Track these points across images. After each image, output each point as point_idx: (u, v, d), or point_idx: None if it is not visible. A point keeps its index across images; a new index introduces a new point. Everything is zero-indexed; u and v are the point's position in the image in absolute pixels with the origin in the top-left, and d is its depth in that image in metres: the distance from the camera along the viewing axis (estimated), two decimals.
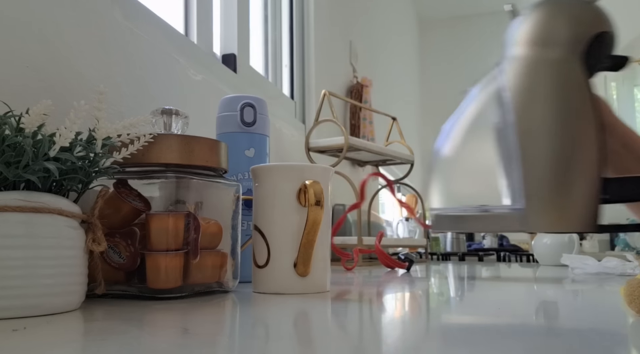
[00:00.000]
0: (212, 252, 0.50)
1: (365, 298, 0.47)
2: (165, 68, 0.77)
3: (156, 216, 0.46)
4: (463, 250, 1.70)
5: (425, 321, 0.35)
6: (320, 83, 1.55)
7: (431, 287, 0.60)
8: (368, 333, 0.30)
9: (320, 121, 1.19)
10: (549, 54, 0.65)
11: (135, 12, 0.74)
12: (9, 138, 0.36)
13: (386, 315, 0.38)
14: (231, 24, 1.09)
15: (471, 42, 4.09)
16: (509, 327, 0.32)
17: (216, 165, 0.51)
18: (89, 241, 0.40)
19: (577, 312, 0.38)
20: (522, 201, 0.62)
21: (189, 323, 0.33)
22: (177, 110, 0.54)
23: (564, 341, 0.27)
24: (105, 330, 0.30)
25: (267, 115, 0.69)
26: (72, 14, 0.60)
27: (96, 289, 0.44)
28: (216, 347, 0.26)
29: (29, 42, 0.54)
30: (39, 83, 0.55)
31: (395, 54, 2.97)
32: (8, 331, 0.30)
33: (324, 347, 0.26)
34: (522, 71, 0.66)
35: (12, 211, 0.35)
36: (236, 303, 0.44)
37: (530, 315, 0.37)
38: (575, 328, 0.32)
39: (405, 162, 1.40)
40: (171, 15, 0.91)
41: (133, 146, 0.45)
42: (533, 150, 0.63)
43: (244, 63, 1.11)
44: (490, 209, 0.66)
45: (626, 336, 0.29)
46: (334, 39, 1.73)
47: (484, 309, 0.41)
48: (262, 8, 1.37)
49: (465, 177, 0.70)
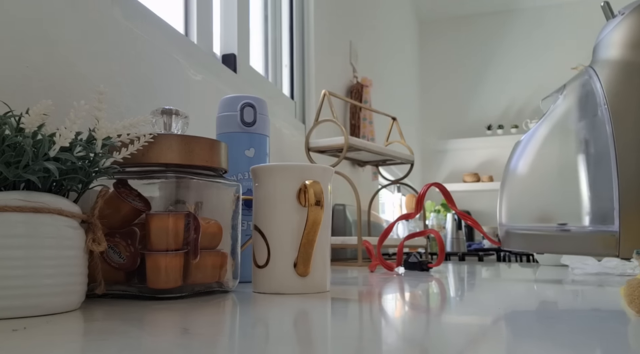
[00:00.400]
0: (212, 252, 0.50)
1: (365, 298, 0.47)
2: (165, 68, 0.77)
3: (156, 216, 0.46)
4: (463, 250, 1.70)
5: (425, 321, 0.35)
6: (320, 83, 1.55)
7: (431, 287, 0.60)
8: (368, 333, 0.30)
9: (320, 121, 1.19)
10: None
11: (135, 12, 0.74)
12: (9, 138, 0.36)
13: (386, 315, 0.38)
14: (231, 24, 1.09)
15: (471, 42, 4.09)
16: (509, 327, 0.32)
17: (216, 165, 0.51)
18: (89, 241, 0.40)
19: (577, 312, 0.38)
20: (615, 223, 0.56)
21: (189, 323, 0.33)
22: (177, 110, 0.54)
23: (563, 341, 0.27)
24: (105, 330, 0.30)
25: (267, 115, 0.69)
26: (72, 14, 0.60)
27: (96, 289, 0.44)
28: (216, 347, 0.26)
29: (29, 42, 0.54)
30: (39, 83, 0.55)
31: (395, 54, 2.97)
32: (8, 331, 0.30)
33: (324, 347, 0.26)
34: (619, 76, 0.59)
35: (12, 211, 0.35)
36: (236, 303, 0.44)
37: (530, 315, 0.37)
38: (575, 327, 0.32)
39: (405, 161, 1.40)
40: (171, 15, 0.91)
41: (133, 146, 0.45)
42: (632, 166, 0.56)
43: (244, 63, 1.11)
44: (571, 229, 0.59)
45: (626, 336, 0.29)
46: (334, 39, 1.73)
47: (484, 310, 0.41)
48: (262, 8, 1.37)
49: (542, 192, 0.63)
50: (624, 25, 0.62)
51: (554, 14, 3.91)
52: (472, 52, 4.06)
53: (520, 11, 4.01)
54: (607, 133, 0.57)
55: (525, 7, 3.98)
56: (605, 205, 0.57)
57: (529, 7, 3.98)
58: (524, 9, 4.00)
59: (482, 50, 4.04)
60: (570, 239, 0.59)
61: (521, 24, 3.99)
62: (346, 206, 1.53)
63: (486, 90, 3.99)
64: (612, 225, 0.56)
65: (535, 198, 0.63)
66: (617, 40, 0.62)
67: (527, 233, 0.63)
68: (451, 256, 1.71)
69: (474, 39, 4.08)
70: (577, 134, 0.61)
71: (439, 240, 0.85)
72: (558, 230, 0.60)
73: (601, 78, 0.60)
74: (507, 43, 4.00)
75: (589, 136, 0.59)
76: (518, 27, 3.99)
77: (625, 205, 0.56)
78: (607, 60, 0.62)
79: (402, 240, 0.87)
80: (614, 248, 0.56)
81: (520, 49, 3.96)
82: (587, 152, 0.59)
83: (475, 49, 4.06)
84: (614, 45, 0.62)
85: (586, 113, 0.60)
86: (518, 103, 3.90)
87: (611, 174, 0.56)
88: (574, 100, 0.62)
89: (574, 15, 3.84)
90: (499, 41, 4.02)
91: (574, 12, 3.85)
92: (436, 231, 0.84)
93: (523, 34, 3.97)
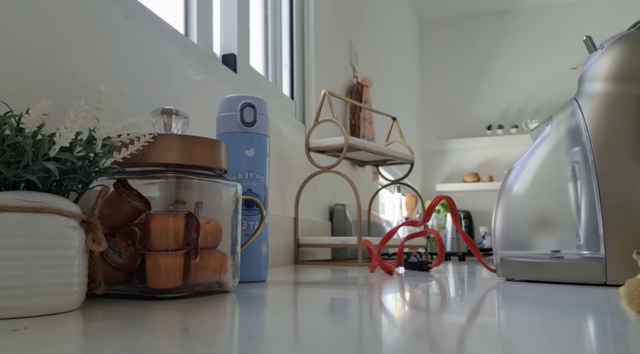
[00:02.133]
0: (212, 252, 0.50)
1: (365, 298, 0.47)
2: (165, 68, 0.77)
3: (156, 216, 0.46)
4: (463, 250, 1.70)
5: (425, 320, 0.35)
6: (320, 83, 1.55)
7: (431, 287, 0.60)
8: (368, 332, 0.30)
9: (320, 121, 1.20)
10: (632, 90, 0.61)
11: (135, 12, 0.74)
12: (9, 138, 0.36)
13: (386, 315, 0.38)
14: (231, 24, 1.09)
15: (471, 42, 4.09)
16: (508, 327, 0.32)
17: (216, 165, 0.51)
18: (89, 241, 0.40)
19: (576, 312, 0.38)
20: (601, 250, 0.57)
21: (189, 323, 0.33)
22: (177, 110, 0.54)
23: (563, 340, 0.27)
24: (105, 330, 0.30)
25: (267, 115, 0.69)
26: (72, 14, 0.60)
27: (96, 289, 0.44)
28: (216, 347, 0.26)
29: (29, 42, 0.54)
30: (39, 83, 0.55)
31: (395, 54, 2.97)
32: (8, 331, 0.30)
33: (324, 347, 0.26)
34: (602, 108, 0.61)
35: (12, 211, 0.35)
36: (236, 303, 0.44)
37: (529, 315, 0.37)
38: (575, 327, 0.32)
39: (405, 161, 1.40)
40: (171, 15, 0.91)
41: (133, 146, 0.45)
42: (614, 194, 0.57)
43: (244, 63, 1.11)
44: (564, 256, 0.60)
45: (626, 336, 0.29)
46: (334, 39, 1.73)
47: (484, 309, 0.41)
48: (262, 8, 1.37)
49: (534, 219, 0.64)
50: (603, 58, 0.64)
51: (554, 14, 3.91)
52: (472, 52, 4.06)
53: (520, 11, 4.01)
54: (589, 162, 0.59)
55: (525, 7, 3.98)
56: (593, 231, 0.58)
57: (529, 7, 3.98)
58: (524, 9, 4.00)
59: (482, 50, 4.04)
60: (563, 266, 0.60)
61: (521, 24, 3.99)
62: (346, 206, 1.53)
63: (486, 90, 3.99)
64: (599, 252, 0.57)
65: (529, 225, 0.64)
66: (597, 73, 0.64)
67: (522, 260, 0.64)
68: (451, 256, 1.71)
69: (474, 39, 4.08)
70: (566, 163, 0.62)
71: (438, 240, 0.85)
72: (552, 257, 0.61)
73: (583, 109, 0.63)
74: (506, 43, 4.00)
75: (576, 165, 0.61)
76: (518, 27, 3.99)
77: (610, 231, 0.57)
78: (589, 92, 0.64)
79: (403, 240, 0.87)
80: (602, 275, 0.57)
81: (520, 49, 3.96)
82: (574, 180, 0.61)
83: (475, 49, 4.06)
84: (594, 78, 0.64)
85: (571, 143, 0.62)
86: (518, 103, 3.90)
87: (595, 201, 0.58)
88: (560, 131, 0.64)
89: (574, 15, 3.84)
90: (499, 41, 4.02)
91: (574, 12, 3.85)
92: (436, 232, 0.84)
93: (523, 34, 3.97)
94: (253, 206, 0.65)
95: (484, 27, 4.08)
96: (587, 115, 0.62)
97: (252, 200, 0.64)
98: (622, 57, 0.62)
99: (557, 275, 0.61)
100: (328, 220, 1.53)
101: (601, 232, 0.57)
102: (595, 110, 0.62)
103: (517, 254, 0.65)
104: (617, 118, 0.60)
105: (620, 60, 0.62)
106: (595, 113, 0.61)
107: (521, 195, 0.65)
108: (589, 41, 0.68)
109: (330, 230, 1.51)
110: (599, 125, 0.61)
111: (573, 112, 0.64)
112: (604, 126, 0.60)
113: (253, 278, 0.65)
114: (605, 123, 0.60)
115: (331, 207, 1.56)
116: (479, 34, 4.09)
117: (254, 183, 0.66)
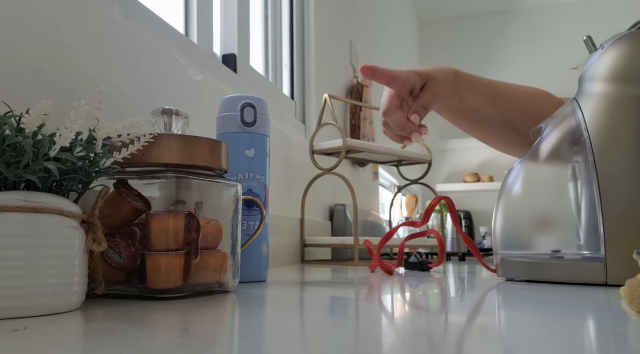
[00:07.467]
0: (212, 252, 0.50)
1: (365, 298, 0.47)
2: (165, 68, 0.77)
3: (156, 216, 0.46)
4: (463, 250, 1.70)
5: (425, 320, 0.35)
6: (320, 83, 1.55)
7: (431, 287, 0.60)
8: (368, 332, 0.30)
9: (322, 124, 1.21)
10: (632, 90, 0.60)
11: (135, 12, 0.74)
12: (9, 138, 0.36)
13: (386, 315, 0.38)
14: (231, 24, 1.09)
15: (471, 42, 4.09)
16: (508, 327, 0.32)
17: (216, 165, 0.51)
18: (89, 241, 0.40)
19: (577, 312, 0.38)
20: (602, 250, 0.57)
21: (189, 323, 0.33)
22: (177, 110, 0.54)
23: (563, 340, 0.27)
24: (105, 330, 0.30)
25: (267, 115, 0.69)
26: (72, 14, 0.60)
27: (96, 289, 0.44)
28: (216, 347, 0.26)
29: (29, 42, 0.54)
30: (39, 83, 0.55)
31: (395, 54, 2.97)
32: (8, 331, 0.30)
33: (324, 347, 0.26)
34: (602, 108, 0.61)
35: (12, 211, 0.35)
36: (236, 303, 0.44)
37: (529, 315, 0.37)
38: (575, 328, 0.32)
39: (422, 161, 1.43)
40: (171, 15, 0.91)
41: (133, 146, 0.45)
42: (614, 194, 0.57)
43: (244, 63, 1.11)
44: (564, 256, 0.60)
45: (626, 336, 0.29)
46: (334, 39, 1.73)
47: (484, 309, 0.41)
48: (262, 8, 1.37)
49: (534, 219, 0.63)
50: (603, 59, 0.64)
51: (554, 14, 3.91)
52: (472, 52, 4.06)
53: (520, 11, 4.01)
54: (589, 162, 0.59)
55: (525, 7, 3.99)
56: (594, 231, 0.58)
57: (529, 7, 3.98)
58: (524, 9, 4.00)
59: (482, 50, 4.04)
60: (563, 266, 0.60)
61: (521, 24, 3.99)
62: (346, 206, 1.53)
63: None
64: (599, 252, 0.57)
65: (530, 225, 0.64)
66: (597, 74, 0.64)
67: (522, 260, 0.64)
68: (451, 256, 1.71)
69: (474, 39, 4.08)
70: (566, 163, 0.62)
71: (439, 240, 0.85)
72: (552, 257, 0.61)
73: (583, 109, 0.62)
74: (507, 43, 4.00)
75: (576, 165, 0.61)
76: (518, 27, 3.99)
77: (610, 231, 0.57)
78: (589, 92, 0.64)
79: (403, 240, 0.87)
80: (602, 275, 0.57)
81: (520, 49, 3.96)
82: (574, 180, 0.60)
83: (475, 49, 4.06)
84: (594, 78, 0.64)
85: (571, 143, 0.62)
86: None
87: (595, 201, 0.58)
88: (560, 131, 0.64)
89: (574, 15, 3.84)
90: (499, 41, 4.02)
91: (574, 12, 3.85)
92: (436, 232, 0.84)
93: (523, 34, 3.97)
94: (253, 206, 0.65)
95: (484, 27, 4.08)
96: (587, 115, 0.61)
97: (252, 200, 0.64)
98: (623, 57, 0.62)
99: (557, 275, 0.61)
100: (328, 220, 1.53)
101: (601, 232, 0.57)
102: (595, 110, 0.61)
103: (517, 254, 0.65)
104: (617, 118, 0.60)
105: (621, 60, 0.62)
106: (595, 113, 0.61)
107: (521, 195, 0.65)
108: (589, 41, 0.68)
109: (330, 230, 1.51)
110: (599, 125, 0.60)
111: (573, 112, 0.63)
112: (604, 126, 0.60)
113: (253, 278, 0.65)
114: (606, 123, 0.60)
115: (331, 207, 1.56)
116: (479, 34, 4.09)
117: (254, 183, 0.66)
